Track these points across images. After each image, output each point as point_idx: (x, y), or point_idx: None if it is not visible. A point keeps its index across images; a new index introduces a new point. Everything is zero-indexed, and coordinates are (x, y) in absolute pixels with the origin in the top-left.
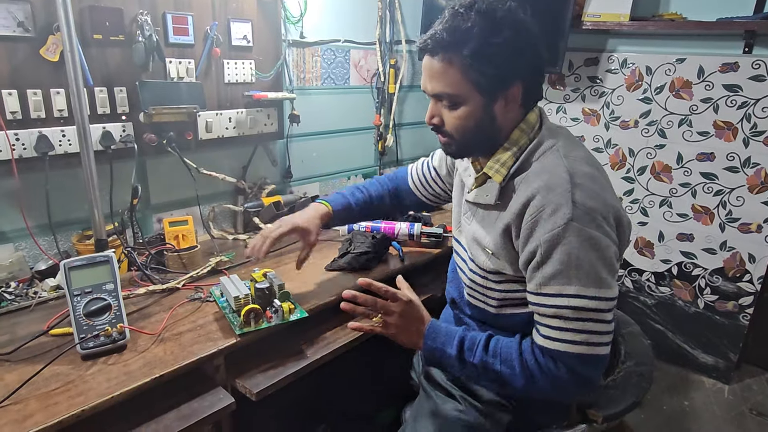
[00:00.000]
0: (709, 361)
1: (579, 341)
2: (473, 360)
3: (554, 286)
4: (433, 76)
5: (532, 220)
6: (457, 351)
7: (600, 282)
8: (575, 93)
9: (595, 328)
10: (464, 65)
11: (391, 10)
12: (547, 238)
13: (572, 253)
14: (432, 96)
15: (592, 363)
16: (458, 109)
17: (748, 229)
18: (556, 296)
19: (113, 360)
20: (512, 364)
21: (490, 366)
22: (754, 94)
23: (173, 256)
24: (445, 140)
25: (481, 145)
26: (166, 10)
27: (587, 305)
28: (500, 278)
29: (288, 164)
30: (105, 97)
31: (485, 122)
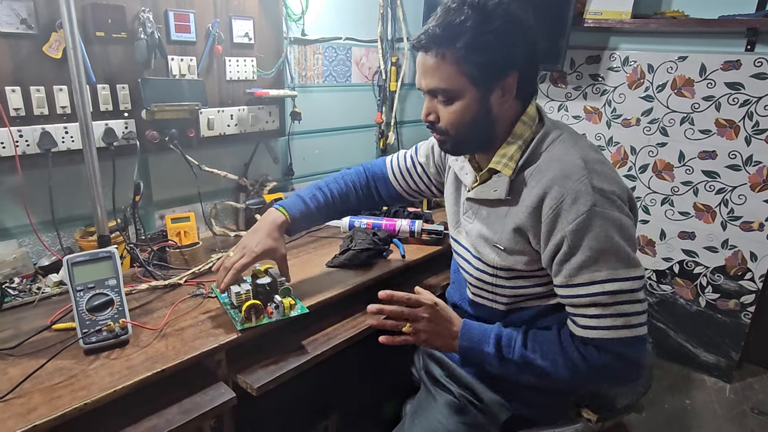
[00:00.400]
0: (710, 359)
1: (619, 325)
2: (513, 357)
3: (586, 275)
4: (427, 72)
5: (554, 212)
6: (495, 349)
7: (629, 262)
8: (577, 91)
9: (632, 309)
10: (458, 58)
11: (392, 8)
12: (572, 228)
13: (600, 238)
14: (427, 92)
15: (635, 344)
16: (454, 104)
17: (750, 227)
18: (589, 284)
19: (116, 355)
20: (554, 358)
21: (531, 361)
22: (756, 92)
23: (175, 253)
24: (441, 137)
25: (477, 140)
26: (167, 7)
27: (621, 287)
28: (511, 275)
29: (289, 161)
30: (107, 94)
31: (481, 115)
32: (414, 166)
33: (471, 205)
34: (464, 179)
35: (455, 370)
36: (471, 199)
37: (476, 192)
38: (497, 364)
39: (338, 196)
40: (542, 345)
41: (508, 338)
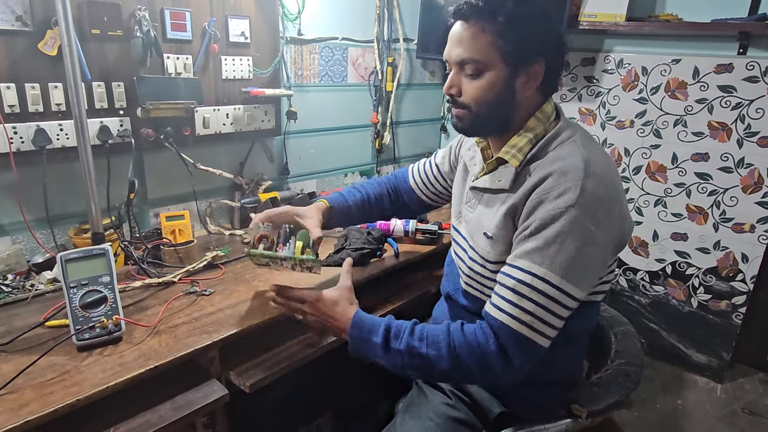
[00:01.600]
0: (702, 360)
1: (523, 320)
2: (399, 346)
3: (527, 261)
4: (461, 41)
5: (538, 198)
6: (383, 339)
7: (570, 275)
8: (572, 93)
9: (544, 316)
10: (496, 32)
11: (389, 9)
12: (545, 217)
13: (559, 236)
14: (456, 63)
15: (525, 347)
16: (481, 78)
17: (742, 228)
18: (523, 271)
19: (109, 351)
20: (439, 346)
21: (416, 350)
22: (748, 95)
23: (170, 251)
24: (460, 112)
25: (494, 121)
26: (164, 5)
27: (548, 291)
28: (497, 268)
29: (285, 161)
30: (103, 91)
31: (504, 95)
32: (431, 168)
33: (474, 194)
34: (472, 169)
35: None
36: (475, 188)
37: (481, 181)
38: (383, 354)
39: (374, 198)
40: (429, 334)
41: (397, 329)
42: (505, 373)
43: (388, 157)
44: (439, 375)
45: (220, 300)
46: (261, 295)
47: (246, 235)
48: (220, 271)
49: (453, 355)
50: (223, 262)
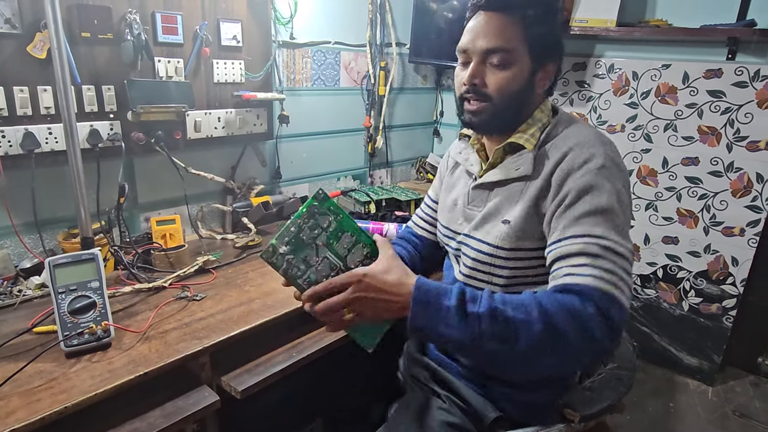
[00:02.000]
0: (693, 363)
1: (606, 279)
2: (478, 310)
3: (581, 227)
4: (490, 31)
5: (566, 171)
6: (458, 301)
7: (623, 233)
8: (563, 97)
9: (621, 273)
10: (526, 25)
11: (381, 13)
12: (579, 183)
13: (602, 198)
14: (481, 53)
15: (618, 308)
16: (507, 70)
17: (731, 232)
18: (584, 236)
19: (97, 358)
20: (527, 309)
21: (500, 313)
22: (737, 100)
23: (160, 255)
24: (480, 106)
25: (512, 114)
26: (155, 9)
27: (614, 247)
28: (510, 255)
29: (277, 164)
30: (93, 95)
31: (526, 89)
32: (430, 206)
33: (480, 192)
34: (471, 169)
35: (440, 373)
36: (480, 186)
37: (490, 175)
38: (456, 321)
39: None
40: (513, 299)
41: (473, 292)
42: (605, 338)
43: (380, 161)
44: (525, 346)
45: (211, 305)
46: (253, 300)
47: (238, 239)
48: (211, 276)
49: (546, 319)
50: (214, 267)
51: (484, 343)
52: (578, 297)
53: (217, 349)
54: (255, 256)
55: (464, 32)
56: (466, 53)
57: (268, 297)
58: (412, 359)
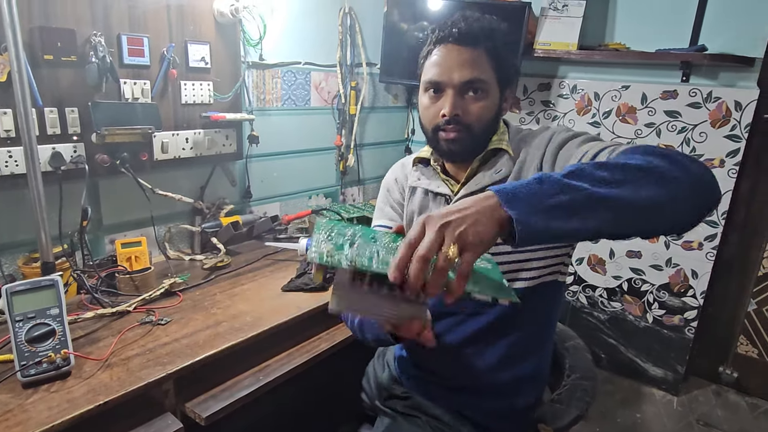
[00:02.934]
0: (658, 373)
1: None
2: (573, 168)
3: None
4: (464, 64)
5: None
6: (540, 175)
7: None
8: (530, 116)
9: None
10: (494, 55)
11: (351, 34)
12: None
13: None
14: (458, 85)
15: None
16: (483, 100)
17: (691, 246)
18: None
19: (56, 387)
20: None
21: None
22: (691, 120)
23: (125, 279)
24: (459, 135)
25: (485, 140)
26: (120, 31)
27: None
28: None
29: (247, 184)
30: (55, 117)
31: (497, 116)
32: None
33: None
34: (439, 190)
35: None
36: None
37: (471, 186)
38: (559, 178)
39: None
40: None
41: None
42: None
43: (352, 179)
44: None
45: (177, 329)
46: (219, 323)
47: (207, 260)
48: (177, 299)
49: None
50: (181, 290)
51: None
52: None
53: (181, 375)
54: (223, 278)
55: (430, 65)
56: (438, 85)
57: (236, 320)
58: (384, 389)
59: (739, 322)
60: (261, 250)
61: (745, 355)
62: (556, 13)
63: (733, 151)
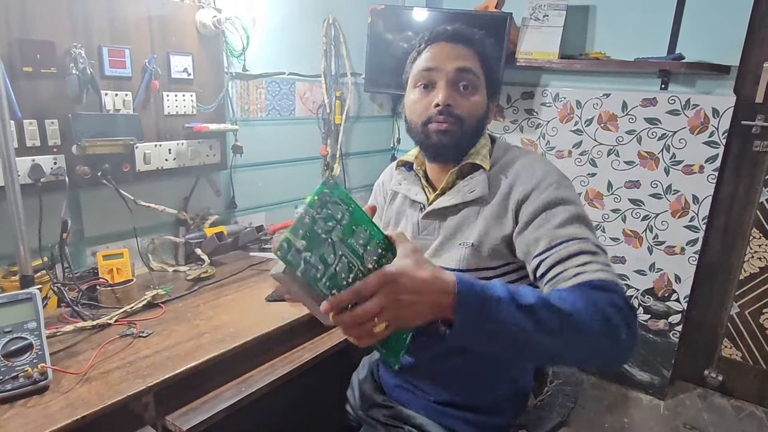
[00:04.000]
0: (645, 378)
1: (609, 271)
2: (529, 301)
3: (568, 231)
4: (458, 56)
5: (525, 192)
6: (508, 293)
7: (594, 230)
8: (514, 124)
9: (609, 262)
10: (485, 60)
11: (336, 45)
12: (546, 199)
13: (572, 207)
14: (453, 73)
15: (624, 293)
16: (475, 95)
17: (673, 251)
18: (574, 239)
19: (33, 402)
20: (571, 301)
21: (550, 303)
22: (671, 127)
23: (106, 291)
24: (451, 125)
25: (472, 141)
26: (101, 43)
27: (602, 245)
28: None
29: (232, 194)
30: (35, 129)
31: (485, 118)
32: None
33: (430, 221)
34: (416, 198)
35: (401, 411)
36: (433, 212)
37: (442, 201)
38: (512, 311)
39: None
40: (550, 292)
41: (513, 285)
42: (636, 326)
43: None
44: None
45: (158, 341)
46: (202, 335)
47: (190, 271)
48: (160, 311)
49: (591, 308)
50: (164, 301)
51: (537, 336)
52: (604, 291)
53: (161, 388)
54: (207, 289)
55: (421, 60)
56: (431, 72)
57: (218, 331)
58: (367, 398)
59: (723, 325)
60: (246, 261)
61: (730, 358)
62: (537, 23)
63: (711, 157)
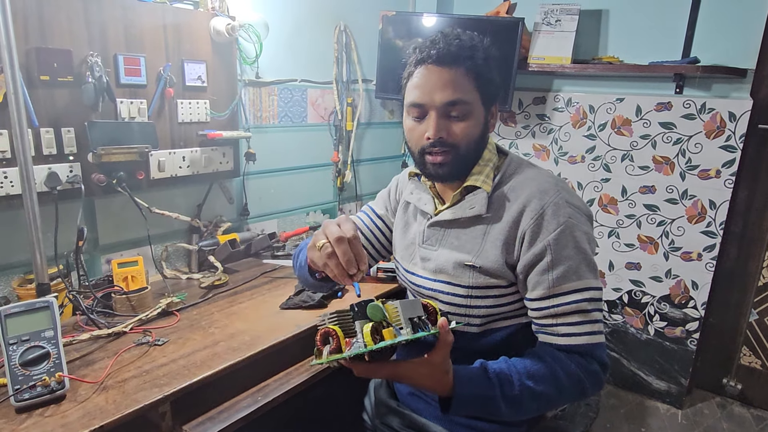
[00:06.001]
0: (662, 387)
1: (596, 331)
2: (514, 392)
3: (570, 284)
4: (446, 85)
5: (535, 222)
6: (500, 390)
7: (596, 272)
8: (526, 130)
9: (600, 316)
10: (475, 74)
11: (347, 51)
12: (554, 238)
13: (579, 249)
14: (441, 107)
15: (604, 349)
16: (467, 120)
17: (690, 257)
18: (574, 293)
19: (50, 412)
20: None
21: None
22: (686, 131)
23: (121, 299)
24: (445, 157)
25: (473, 159)
26: (117, 51)
27: (596, 295)
28: (486, 293)
29: (245, 201)
30: (51, 137)
31: (482, 133)
32: (374, 221)
33: (435, 231)
34: (426, 208)
35: (413, 417)
36: (436, 224)
37: (446, 214)
38: (503, 405)
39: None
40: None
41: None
42: (602, 381)
43: (350, 194)
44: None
45: (174, 350)
46: (217, 343)
47: (204, 279)
48: (174, 319)
49: (567, 387)
50: (178, 309)
51: (520, 415)
52: (584, 358)
53: (178, 397)
54: (221, 296)
55: (411, 88)
56: (421, 108)
57: (233, 339)
58: (382, 405)
59: (741, 332)
60: (259, 268)
61: (749, 366)
62: (549, 28)
63: (728, 162)
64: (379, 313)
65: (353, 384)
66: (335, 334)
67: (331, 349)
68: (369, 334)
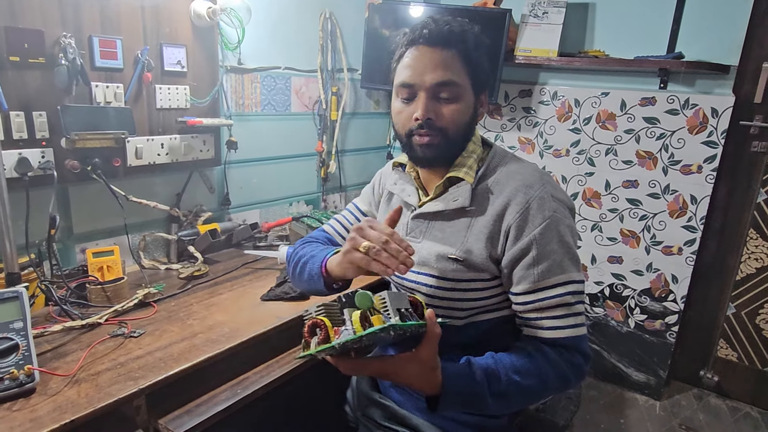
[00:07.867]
0: (641, 378)
1: (579, 324)
2: (501, 388)
3: (554, 278)
4: (437, 66)
5: (521, 216)
6: (488, 387)
7: (579, 265)
8: (511, 122)
9: (583, 308)
10: (467, 57)
11: (332, 39)
12: (540, 232)
13: (563, 243)
14: (431, 87)
15: (587, 341)
16: (457, 103)
17: (671, 251)
18: (558, 286)
19: (19, 406)
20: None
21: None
22: (670, 126)
23: (96, 289)
24: (434, 138)
25: (460, 145)
26: (92, 33)
27: (579, 288)
28: (469, 286)
29: (226, 191)
30: (22, 121)
31: (471, 120)
32: (358, 219)
33: (419, 223)
34: (409, 199)
35: (396, 410)
36: (420, 216)
37: (430, 206)
38: (491, 402)
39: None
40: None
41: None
42: (585, 372)
43: (334, 185)
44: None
45: (150, 342)
46: (195, 335)
47: (183, 269)
48: (152, 310)
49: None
50: (156, 300)
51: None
52: (568, 351)
53: (153, 390)
54: (200, 287)
55: (401, 68)
56: (411, 88)
57: (212, 331)
58: (364, 396)
59: (719, 326)
60: (240, 259)
61: (725, 358)
62: (536, 20)
63: (710, 157)
64: (368, 301)
65: (335, 376)
66: (323, 325)
67: (319, 339)
68: (358, 320)
